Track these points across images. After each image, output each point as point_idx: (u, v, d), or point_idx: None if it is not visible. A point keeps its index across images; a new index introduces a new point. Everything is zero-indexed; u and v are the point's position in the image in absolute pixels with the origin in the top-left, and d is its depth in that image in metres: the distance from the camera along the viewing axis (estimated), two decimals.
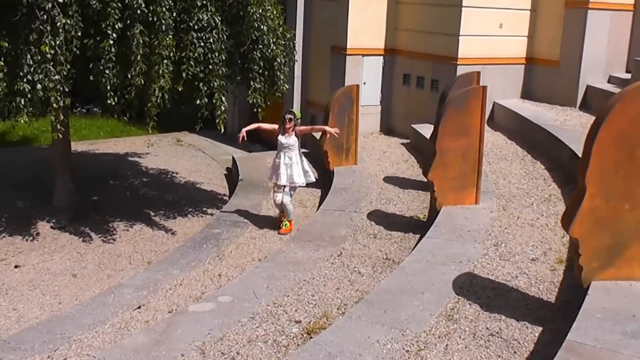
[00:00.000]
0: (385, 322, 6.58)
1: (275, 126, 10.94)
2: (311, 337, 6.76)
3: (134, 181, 15.06)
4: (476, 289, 7.29)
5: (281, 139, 10.80)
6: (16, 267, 10.46)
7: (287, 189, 10.82)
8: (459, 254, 8.18)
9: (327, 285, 8.27)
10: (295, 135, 10.77)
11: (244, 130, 10.76)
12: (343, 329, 6.53)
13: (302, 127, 11.23)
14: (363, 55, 16.04)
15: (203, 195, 14.26)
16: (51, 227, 12.05)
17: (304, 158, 11.05)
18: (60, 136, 10.25)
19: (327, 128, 12.00)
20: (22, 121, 9.35)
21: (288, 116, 10.77)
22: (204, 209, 13.23)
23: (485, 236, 8.82)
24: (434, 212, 9.94)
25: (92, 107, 21.50)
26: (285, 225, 10.94)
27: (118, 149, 17.87)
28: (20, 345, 7.49)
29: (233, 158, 15.77)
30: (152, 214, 12.80)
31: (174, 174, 15.70)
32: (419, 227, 10.06)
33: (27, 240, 11.50)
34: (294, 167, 10.73)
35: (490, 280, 7.52)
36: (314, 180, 11.43)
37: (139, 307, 8.33)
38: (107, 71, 9.53)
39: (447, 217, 9.49)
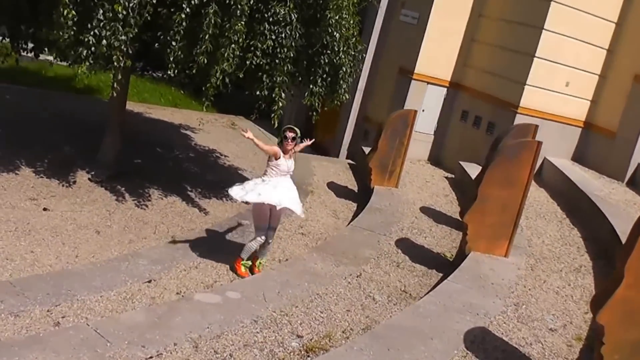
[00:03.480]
0: None
1: (274, 148, 8.43)
2: (309, 356, 6.27)
3: (180, 154, 14.67)
4: (487, 347, 6.71)
5: (283, 163, 8.42)
6: (45, 209, 10.11)
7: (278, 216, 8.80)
8: (478, 306, 7.60)
9: (338, 304, 7.73)
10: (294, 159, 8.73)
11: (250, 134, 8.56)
12: (341, 356, 5.99)
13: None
14: (428, 82, 15.47)
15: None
16: (89, 179, 11.70)
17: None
18: (115, 94, 9.90)
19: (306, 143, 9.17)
20: (80, 71, 9.03)
21: (291, 134, 8.37)
22: None
23: (507, 292, 8.22)
24: (461, 254, 9.35)
25: (161, 74, 21.20)
26: (244, 266, 8.76)
27: (173, 119, 17.52)
28: (24, 292, 7.14)
29: None
30: (189, 189, 12.37)
31: (220, 156, 15.27)
32: (444, 265, 9.48)
33: (62, 186, 11.15)
34: (292, 192, 8.69)
35: (503, 341, 6.93)
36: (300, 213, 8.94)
37: (149, 282, 7.93)
38: (173, 43, 9.18)
39: (473, 264, 8.90)
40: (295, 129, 8.45)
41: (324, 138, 17.00)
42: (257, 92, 10.26)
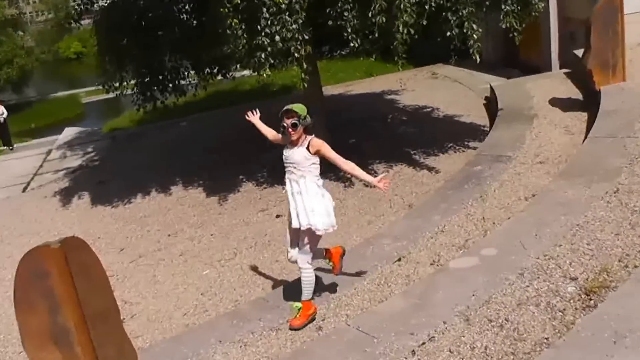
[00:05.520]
0: None
1: (274, 134, 6.79)
2: (590, 299, 5.44)
3: (391, 120, 14.20)
4: None
5: (288, 155, 6.26)
6: (277, 217, 10.08)
7: (303, 237, 6.29)
8: None
9: (604, 230, 6.71)
10: (308, 148, 6.13)
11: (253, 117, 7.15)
12: (630, 297, 5.11)
13: (324, 148, 6.14)
14: None
15: (463, 129, 13.04)
16: None
17: (324, 193, 6.27)
18: (306, 85, 9.59)
19: (370, 179, 6.43)
20: (264, 75, 8.82)
21: (289, 120, 6.07)
22: (465, 143, 12.02)
23: None
24: None
25: (346, 50, 20.93)
26: (296, 308, 6.46)
27: (374, 88, 17.14)
28: (279, 305, 6.94)
29: (491, 87, 14.34)
30: (411, 152, 11.86)
31: (431, 109, 14.63)
32: None
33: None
34: (305, 199, 6.13)
35: None
36: (328, 229, 6.21)
37: (399, 260, 7.44)
38: (345, 13, 8.69)
39: None
40: (295, 109, 6.08)
41: (530, 56, 15.77)
42: (448, 33, 9.57)
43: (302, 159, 6.12)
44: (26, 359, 6.94)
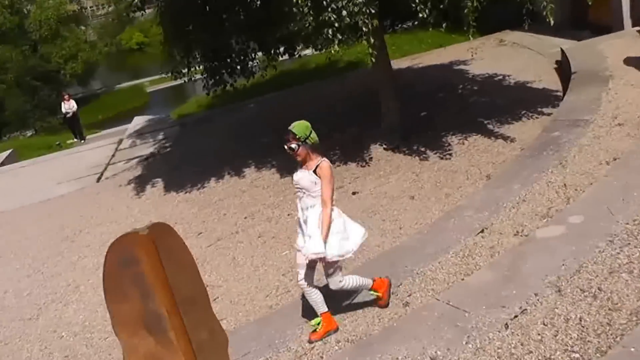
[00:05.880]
0: None
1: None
2: None
3: (462, 90, 13.96)
4: None
5: (294, 175, 5.87)
6: (354, 193, 10.03)
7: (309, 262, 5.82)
8: None
9: None
10: (316, 171, 5.62)
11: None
12: None
13: (324, 180, 5.59)
14: None
15: (535, 95, 12.72)
16: (383, 149, 11.48)
17: (340, 214, 5.79)
18: (374, 60, 9.46)
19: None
20: (333, 51, 8.72)
21: (290, 144, 5.65)
22: (539, 109, 11.71)
23: None
24: None
25: (412, 22, 20.64)
26: (315, 323, 6.16)
27: (442, 60, 16.88)
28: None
29: (562, 50, 13.94)
30: (485, 122, 11.63)
31: (502, 77, 14.31)
32: None
33: (361, 165, 11.04)
34: (310, 225, 5.67)
35: None
36: (344, 255, 5.77)
37: (482, 231, 7.30)
38: None
39: None
40: (294, 130, 5.60)
41: (600, 16, 15.27)
42: None
43: (309, 184, 5.63)
44: (111, 345, 7.20)
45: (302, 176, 5.68)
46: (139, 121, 22.53)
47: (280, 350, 5.96)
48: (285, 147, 5.66)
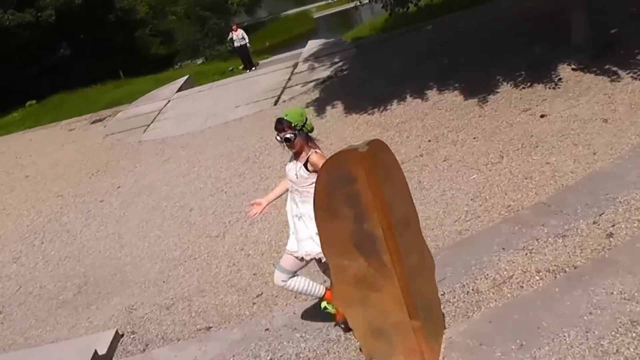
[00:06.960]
0: None
1: (283, 188, 5.48)
2: None
3: None
4: None
5: (286, 166, 5.29)
6: (542, 116, 9.51)
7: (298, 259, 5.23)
8: None
9: None
10: (306, 165, 5.02)
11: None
12: None
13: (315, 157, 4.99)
14: None
15: None
16: (572, 69, 10.77)
17: None
18: None
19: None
20: None
21: (281, 134, 5.00)
22: None
23: None
24: None
25: None
26: (329, 307, 5.47)
27: None
28: (561, 209, 6.52)
29: None
30: None
31: None
32: None
33: (548, 87, 10.42)
34: (308, 224, 5.07)
35: None
36: None
37: None
38: None
39: None
40: (289, 118, 4.95)
41: None
42: None
43: (299, 178, 5.05)
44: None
45: (292, 168, 5.13)
46: (313, 45, 22.49)
47: (478, 278, 5.76)
48: (279, 138, 5.01)
